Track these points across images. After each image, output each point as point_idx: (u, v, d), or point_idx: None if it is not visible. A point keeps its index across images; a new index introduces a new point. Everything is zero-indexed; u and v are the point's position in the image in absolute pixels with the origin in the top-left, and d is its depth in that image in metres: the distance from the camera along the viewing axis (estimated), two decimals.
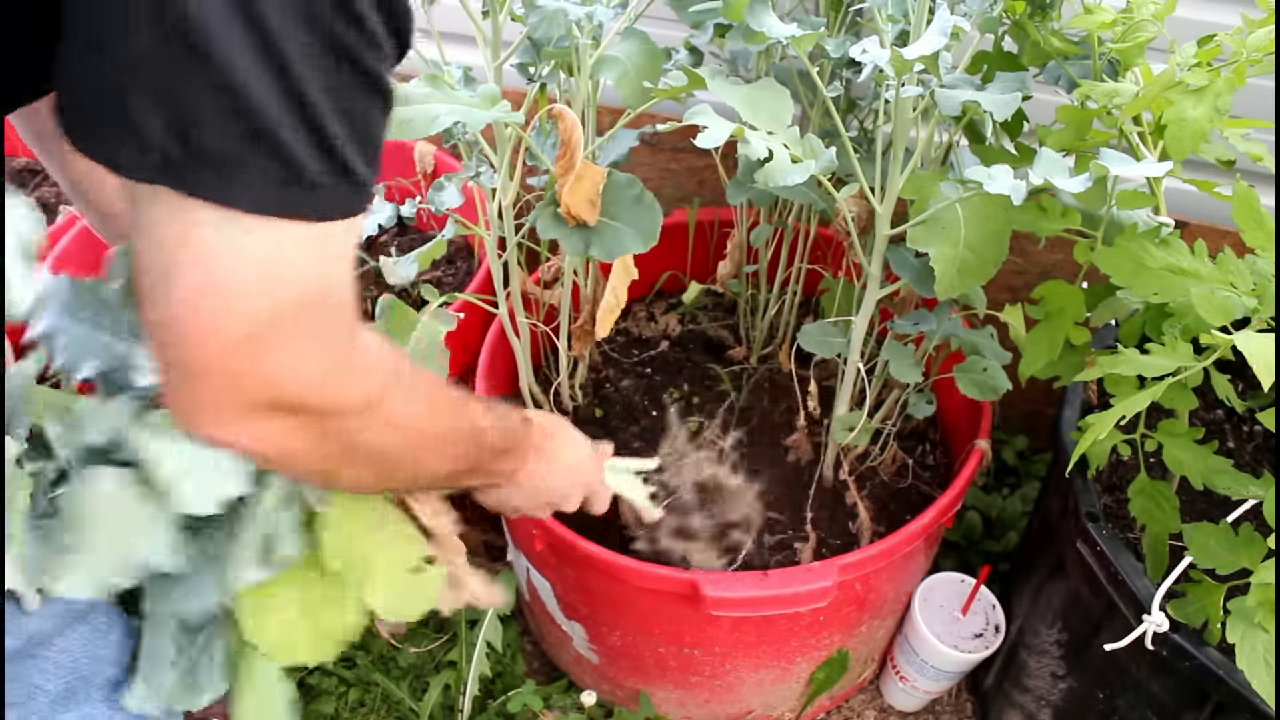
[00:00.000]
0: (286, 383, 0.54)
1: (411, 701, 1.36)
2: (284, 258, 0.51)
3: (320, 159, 0.50)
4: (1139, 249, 0.86)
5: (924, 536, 1.11)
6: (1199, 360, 0.81)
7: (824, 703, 1.38)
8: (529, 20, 0.94)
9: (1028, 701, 1.23)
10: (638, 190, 0.93)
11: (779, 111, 0.89)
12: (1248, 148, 0.90)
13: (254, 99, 0.47)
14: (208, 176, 0.48)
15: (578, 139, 0.90)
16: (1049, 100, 1.08)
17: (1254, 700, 0.85)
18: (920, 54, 0.80)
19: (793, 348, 1.26)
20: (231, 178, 0.48)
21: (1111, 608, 0.98)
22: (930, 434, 1.40)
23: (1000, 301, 1.12)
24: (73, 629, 0.89)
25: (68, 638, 0.88)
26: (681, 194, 1.63)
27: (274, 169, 0.49)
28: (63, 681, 0.88)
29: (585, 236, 0.94)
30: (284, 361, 0.53)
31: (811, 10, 1.25)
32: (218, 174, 0.48)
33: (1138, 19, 0.92)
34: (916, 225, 0.93)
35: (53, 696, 0.87)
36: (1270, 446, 1.20)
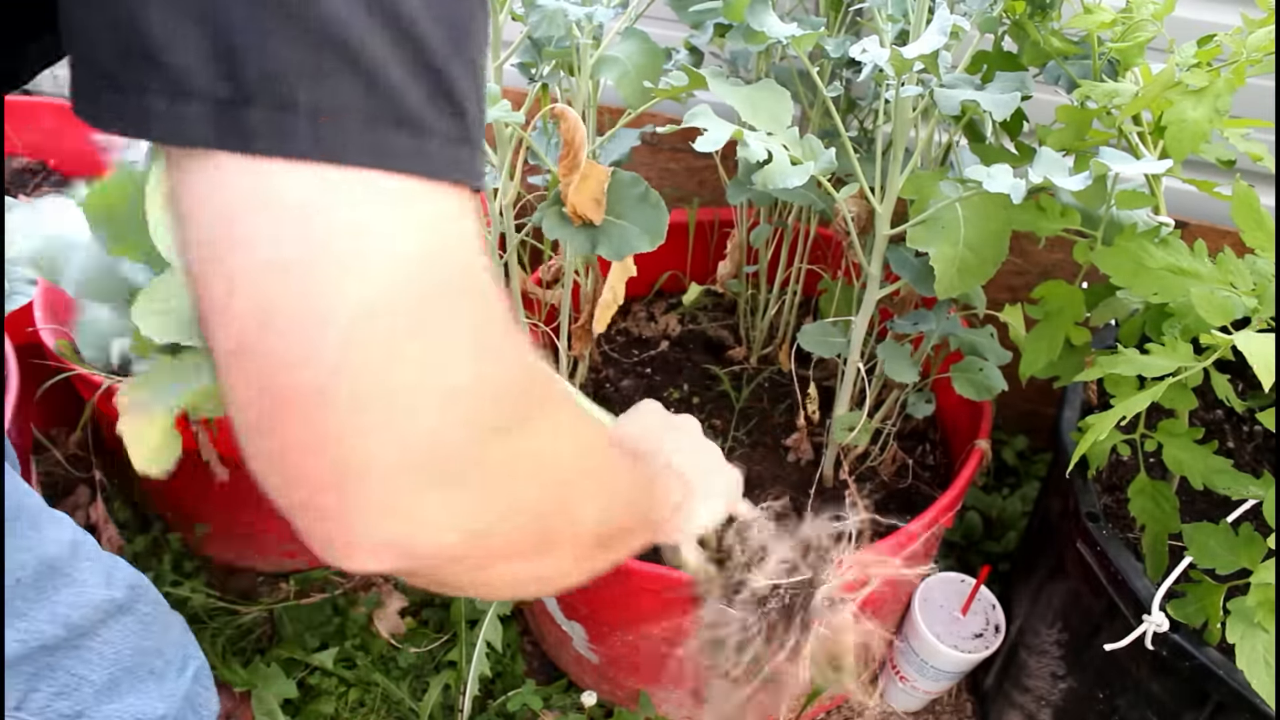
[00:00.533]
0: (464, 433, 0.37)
1: (411, 701, 1.36)
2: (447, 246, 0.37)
3: (439, 103, 0.36)
4: (1139, 249, 0.86)
5: (924, 536, 1.11)
6: (1199, 360, 0.81)
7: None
8: (529, 20, 0.94)
9: (1028, 701, 1.23)
10: (643, 189, 0.93)
11: (779, 112, 0.89)
12: (1248, 148, 0.90)
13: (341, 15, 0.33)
14: (300, 123, 0.33)
15: (581, 138, 0.90)
16: (1049, 100, 1.08)
17: (1254, 700, 0.85)
18: (920, 53, 0.80)
19: (793, 348, 1.26)
20: (329, 126, 0.33)
21: (1111, 608, 0.98)
22: (930, 434, 1.40)
23: (1000, 301, 1.12)
24: (117, 620, 0.90)
25: (111, 629, 0.89)
26: (681, 194, 1.63)
27: (388, 109, 0.34)
28: (106, 672, 0.88)
29: (592, 236, 0.94)
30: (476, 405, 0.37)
31: (811, 10, 1.25)
32: (312, 119, 0.33)
33: (1137, 19, 0.92)
34: (916, 225, 0.93)
35: (97, 687, 0.88)
36: (1270, 446, 1.20)
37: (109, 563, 0.90)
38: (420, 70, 0.35)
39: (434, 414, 0.36)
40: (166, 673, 0.95)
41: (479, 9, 0.39)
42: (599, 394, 1.42)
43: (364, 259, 0.34)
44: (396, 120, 0.35)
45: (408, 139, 0.35)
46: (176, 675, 0.97)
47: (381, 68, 0.34)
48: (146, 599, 0.94)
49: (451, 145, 0.37)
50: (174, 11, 0.32)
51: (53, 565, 0.82)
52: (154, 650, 0.94)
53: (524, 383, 0.41)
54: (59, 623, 0.83)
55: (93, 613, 0.86)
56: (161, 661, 0.95)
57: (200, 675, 1.01)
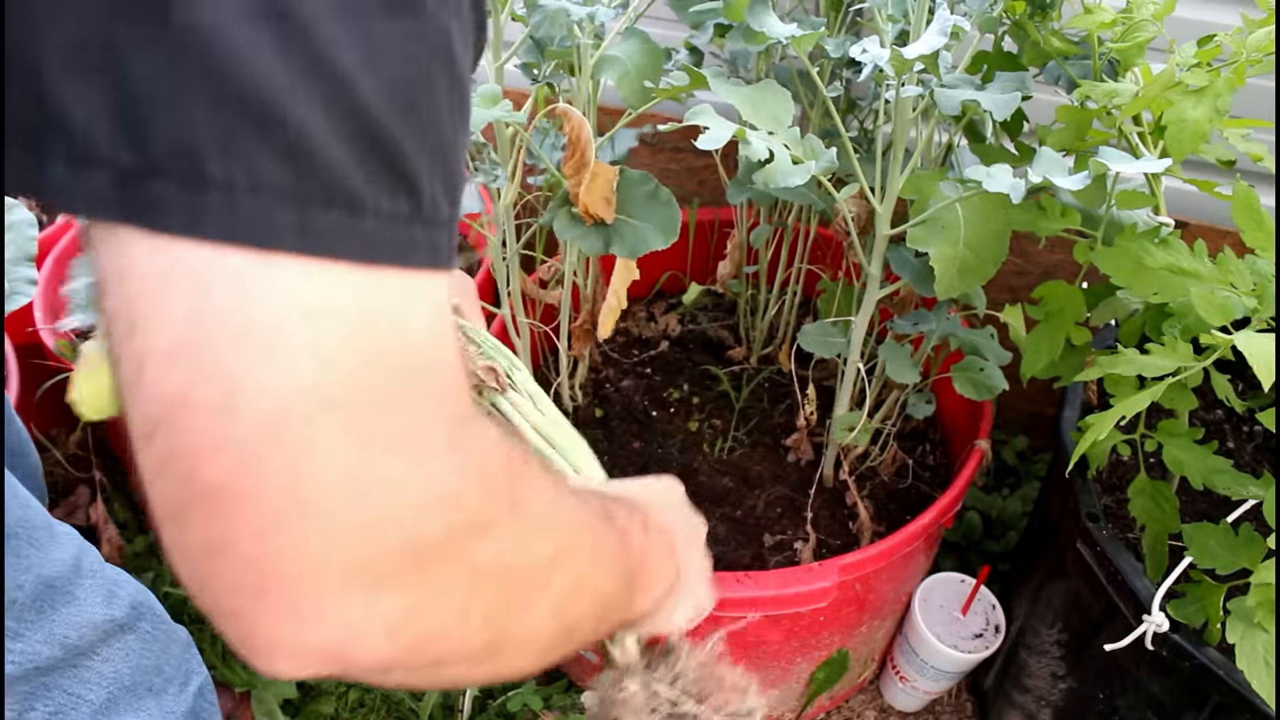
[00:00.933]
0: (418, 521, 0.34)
1: (411, 701, 1.35)
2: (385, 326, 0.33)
3: (380, 178, 0.32)
4: (1139, 249, 0.86)
5: (924, 536, 1.11)
6: (1199, 360, 0.81)
7: (824, 703, 1.38)
8: (531, 20, 0.94)
9: (1028, 702, 1.23)
10: (652, 186, 0.93)
11: (779, 112, 0.89)
12: (1248, 148, 0.90)
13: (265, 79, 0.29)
14: (215, 198, 0.29)
15: (587, 137, 0.90)
16: (1049, 100, 1.08)
17: (1254, 700, 0.85)
18: (920, 54, 0.80)
19: (793, 348, 1.26)
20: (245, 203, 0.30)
21: (1111, 608, 0.98)
22: (930, 434, 1.40)
23: (1000, 301, 1.12)
24: (117, 639, 0.88)
25: (111, 648, 0.87)
26: (681, 194, 1.63)
27: (309, 185, 0.30)
28: (105, 691, 0.87)
29: (605, 235, 0.94)
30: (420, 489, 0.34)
31: (811, 10, 1.25)
32: (227, 195, 0.29)
33: (1137, 19, 0.92)
34: (916, 225, 0.93)
35: (95, 706, 0.86)
36: (1270, 446, 1.20)
37: (112, 579, 0.88)
38: (360, 144, 0.31)
39: (356, 515, 0.32)
40: (167, 690, 0.94)
41: (446, 88, 0.34)
42: (599, 394, 1.42)
43: (280, 353, 0.30)
44: (326, 199, 0.31)
45: (339, 219, 0.31)
46: (178, 691, 0.95)
47: (311, 139, 0.30)
48: (149, 617, 0.92)
49: (399, 225, 0.33)
50: (75, 65, 0.28)
51: (52, 584, 0.80)
52: (154, 668, 0.92)
53: (478, 486, 0.37)
54: (56, 644, 0.81)
55: (91, 633, 0.84)
56: (161, 679, 0.93)
57: (204, 690, 1.00)
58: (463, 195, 0.39)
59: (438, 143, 0.34)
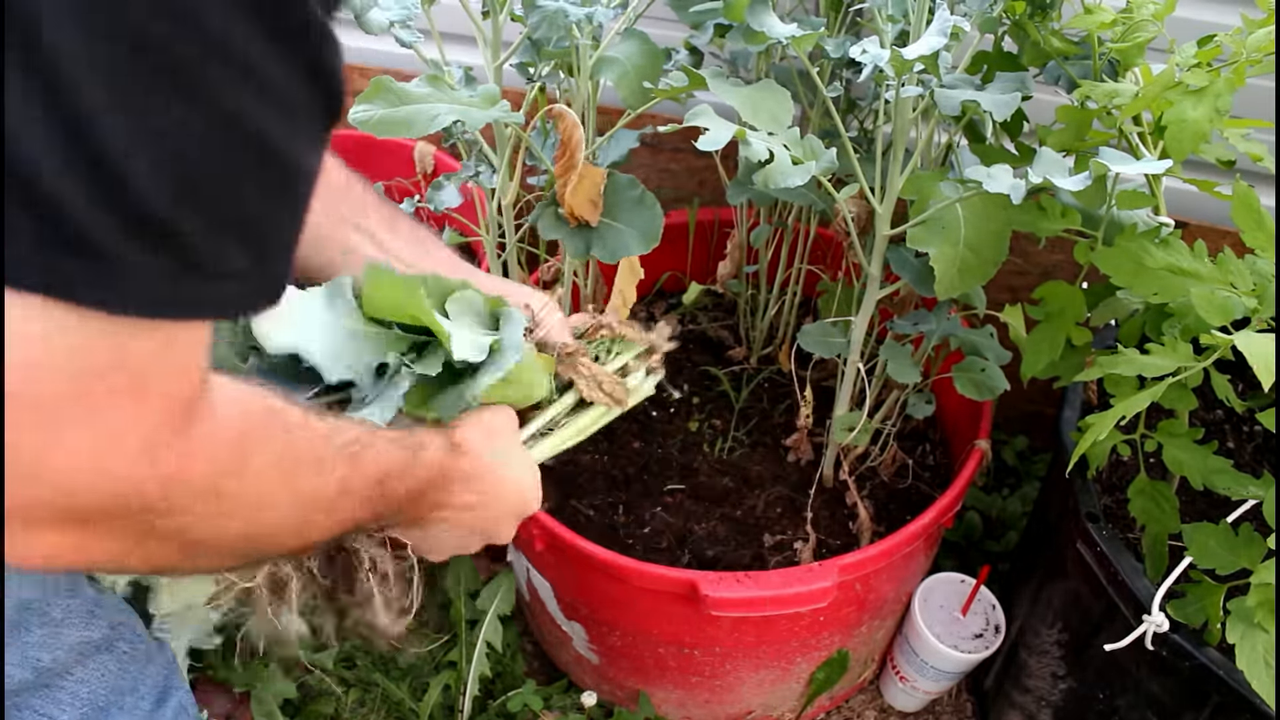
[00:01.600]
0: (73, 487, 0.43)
1: (411, 702, 1.35)
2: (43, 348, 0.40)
3: (141, 242, 0.39)
4: (1139, 249, 0.86)
5: (924, 536, 1.11)
6: (1199, 360, 0.81)
7: (824, 703, 1.38)
8: (529, 20, 0.94)
9: (1028, 702, 1.23)
10: (639, 191, 0.94)
11: (779, 112, 0.89)
12: (1248, 148, 0.90)
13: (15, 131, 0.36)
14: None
15: (578, 139, 0.90)
16: (1049, 100, 1.08)
17: (1254, 700, 0.85)
18: (920, 54, 0.80)
19: (793, 348, 1.26)
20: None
21: (1111, 608, 0.98)
22: (930, 434, 1.40)
23: (1000, 301, 1.12)
24: (93, 659, 0.87)
25: (86, 668, 0.86)
26: (681, 194, 1.63)
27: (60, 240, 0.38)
28: (79, 712, 0.86)
29: (587, 237, 0.94)
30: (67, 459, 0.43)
31: (811, 10, 1.25)
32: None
33: (1137, 19, 0.92)
34: (916, 225, 0.93)
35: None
36: (1270, 446, 1.20)
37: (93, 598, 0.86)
38: (121, 214, 0.38)
39: (31, 490, 0.42)
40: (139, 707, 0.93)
41: (240, 158, 0.41)
42: None
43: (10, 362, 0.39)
44: (76, 253, 0.38)
45: (86, 270, 0.39)
46: (151, 709, 0.94)
47: (69, 209, 0.37)
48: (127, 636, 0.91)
49: (158, 281, 0.41)
50: None
51: (29, 606, 0.79)
52: (129, 688, 0.91)
53: (160, 486, 0.46)
54: (28, 666, 0.80)
55: (66, 655, 0.82)
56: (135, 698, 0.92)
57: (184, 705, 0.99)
58: (286, 239, 0.47)
59: (227, 205, 0.42)
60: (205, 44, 0.38)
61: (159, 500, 0.46)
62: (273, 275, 0.46)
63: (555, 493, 1.29)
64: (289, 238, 0.47)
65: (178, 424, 0.46)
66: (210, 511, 0.50)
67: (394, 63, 1.65)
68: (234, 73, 0.40)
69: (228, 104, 0.40)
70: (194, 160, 0.40)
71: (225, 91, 0.40)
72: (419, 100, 0.83)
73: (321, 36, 0.44)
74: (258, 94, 0.41)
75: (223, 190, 0.42)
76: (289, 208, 0.46)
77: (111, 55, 0.36)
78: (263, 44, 0.40)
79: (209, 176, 0.41)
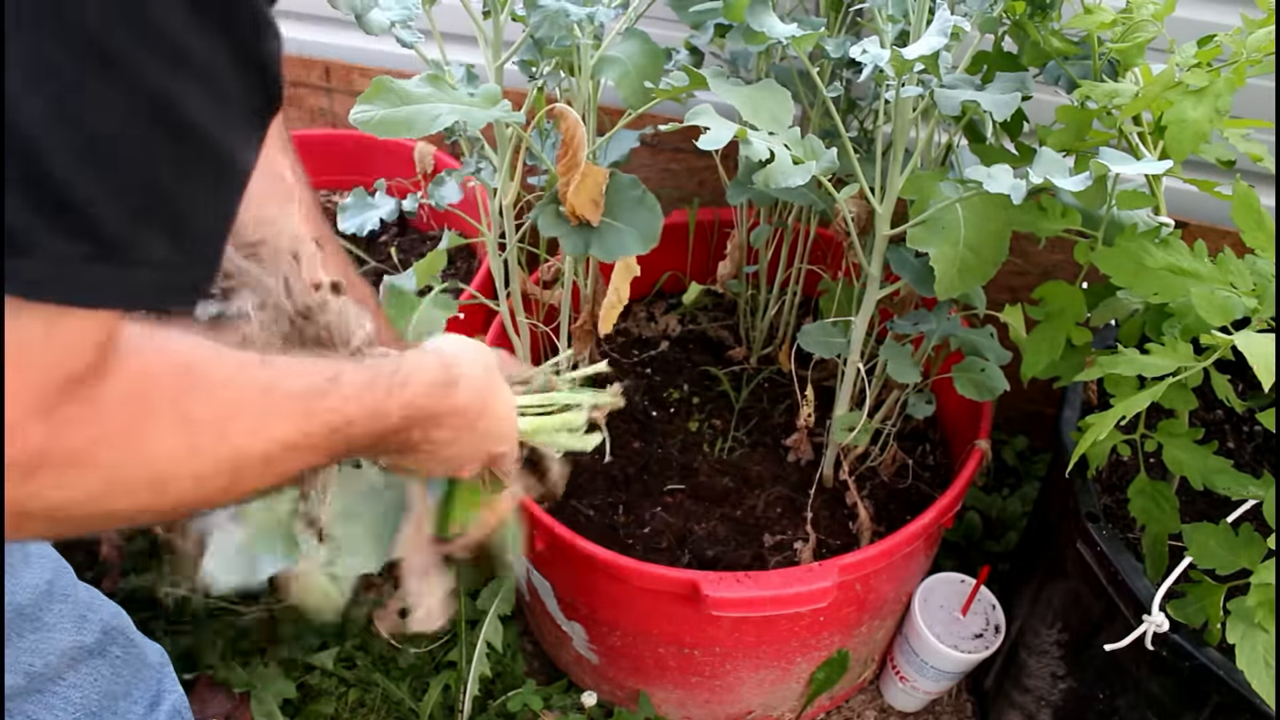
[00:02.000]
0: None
1: (411, 701, 1.35)
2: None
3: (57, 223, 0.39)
4: (1139, 249, 0.86)
5: (924, 536, 1.11)
6: (1199, 360, 0.81)
7: (824, 703, 1.38)
8: (530, 20, 0.94)
9: (1028, 702, 1.23)
10: (640, 191, 0.94)
11: (779, 112, 0.89)
12: (1248, 148, 0.90)
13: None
14: None
15: (580, 138, 0.90)
16: (1049, 100, 1.08)
17: (1254, 700, 0.85)
18: (920, 54, 0.80)
19: (793, 348, 1.26)
20: None
21: (1111, 608, 0.98)
22: (930, 434, 1.40)
23: (1000, 301, 1.12)
24: (86, 664, 0.86)
25: (79, 673, 0.86)
26: (681, 194, 1.63)
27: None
28: (71, 717, 0.86)
29: (586, 236, 0.94)
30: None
31: (811, 10, 1.25)
32: None
33: (1137, 19, 0.92)
34: (916, 225, 0.93)
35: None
36: (1270, 446, 1.20)
37: (85, 602, 0.87)
38: (34, 194, 0.38)
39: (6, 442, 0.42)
40: (131, 711, 0.92)
41: (161, 140, 0.41)
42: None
43: None
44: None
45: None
46: (145, 712, 0.94)
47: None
48: (120, 640, 0.91)
49: (71, 265, 0.40)
50: None
51: (21, 611, 0.79)
52: (123, 693, 0.91)
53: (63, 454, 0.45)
54: (20, 671, 0.80)
55: (58, 660, 0.83)
56: (128, 702, 0.92)
57: (178, 708, 0.99)
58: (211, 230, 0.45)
59: (147, 194, 0.41)
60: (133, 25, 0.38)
61: (22, 478, 0.45)
62: (193, 267, 0.45)
63: None
64: (215, 229, 0.46)
65: (48, 406, 0.44)
66: (84, 481, 0.48)
67: (395, 63, 1.65)
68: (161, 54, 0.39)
69: (151, 85, 0.39)
70: (113, 140, 0.39)
71: (150, 72, 0.39)
72: (420, 100, 0.83)
73: (256, 24, 0.43)
74: (186, 77, 0.40)
75: (142, 173, 0.41)
76: (217, 198, 0.45)
77: (34, 37, 0.36)
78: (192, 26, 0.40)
79: (129, 158, 0.40)
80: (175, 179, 0.42)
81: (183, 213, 0.44)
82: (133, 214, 0.41)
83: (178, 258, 0.44)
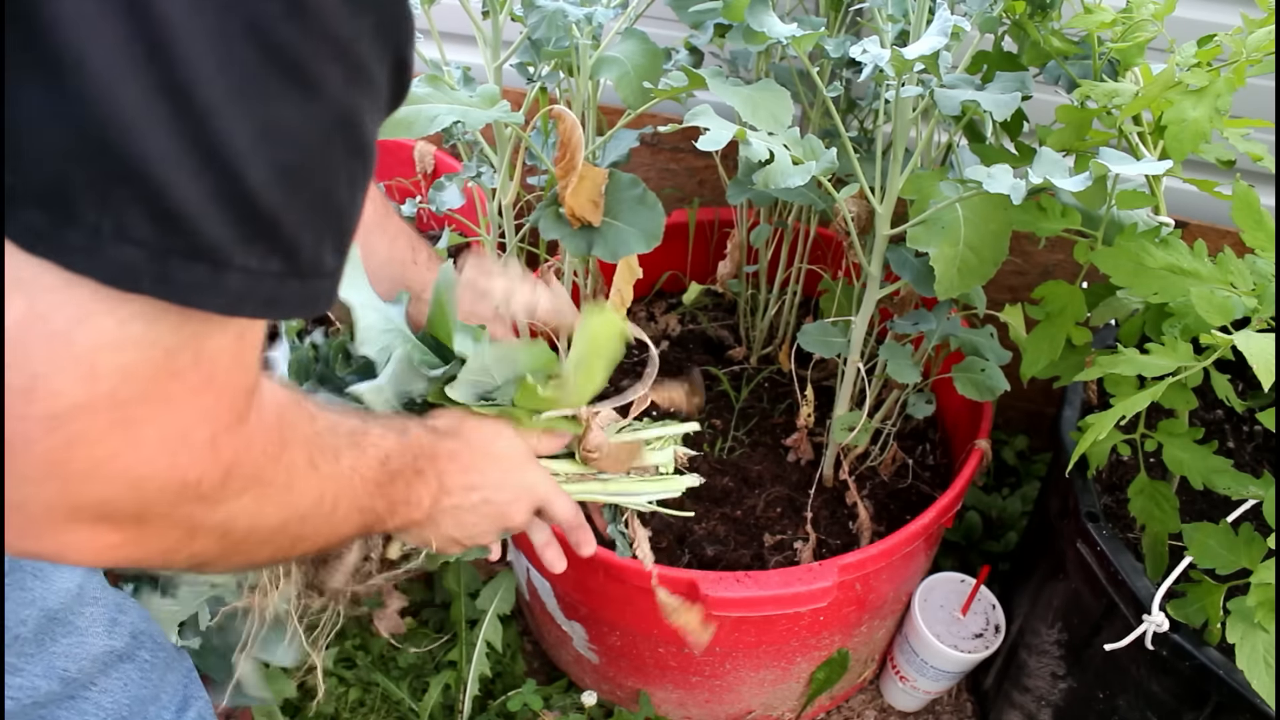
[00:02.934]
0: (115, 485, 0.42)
1: (411, 701, 1.35)
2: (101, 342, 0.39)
3: (253, 242, 0.39)
4: (1139, 249, 0.86)
5: (924, 536, 1.11)
6: (1199, 360, 0.81)
7: (824, 703, 1.38)
8: (529, 20, 0.94)
9: (1028, 701, 1.23)
10: (640, 190, 0.93)
11: (779, 112, 0.89)
12: (1248, 148, 0.90)
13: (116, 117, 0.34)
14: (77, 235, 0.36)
15: (578, 139, 0.90)
16: (1049, 100, 1.08)
17: (1254, 700, 0.85)
18: (920, 54, 0.80)
19: (793, 348, 1.26)
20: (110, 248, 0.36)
21: (1111, 608, 0.98)
22: (930, 434, 1.40)
23: (1000, 301, 1.12)
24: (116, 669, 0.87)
25: (110, 678, 0.86)
26: (681, 194, 1.63)
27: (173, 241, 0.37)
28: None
29: (588, 237, 0.94)
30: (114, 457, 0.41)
31: (811, 10, 1.25)
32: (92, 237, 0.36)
33: (1137, 19, 0.92)
34: (916, 225, 0.93)
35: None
36: (1270, 446, 1.20)
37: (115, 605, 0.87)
38: (236, 213, 0.37)
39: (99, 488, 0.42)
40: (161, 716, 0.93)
41: (345, 159, 0.41)
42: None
43: (81, 363, 0.38)
44: (190, 255, 0.37)
45: (200, 273, 0.38)
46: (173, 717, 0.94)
47: (184, 205, 0.36)
48: (149, 645, 0.91)
49: (266, 281, 0.40)
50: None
51: (54, 616, 0.79)
52: (151, 697, 0.91)
53: (222, 476, 0.46)
54: (55, 677, 0.80)
55: (90, 665, 0.83)
56: (157, 707, 0.92)
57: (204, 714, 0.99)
58: (353, 231, 0.46)
59: (328, 209, 0.42)
60: (322, 38, 0.37)
61: (217, 489, 0.46)
62: (340, 274, 0.46)
63: None
64: (353, 233, 0.46)
65: (240, 414, 0.46)
66: (256, 499, 0.50)
67: None
68: (345, 66, 0.39)
69: (340, 102, 0.39)
70: (309, 159, 0.39)
71: (336, 86, 0.39)
72: (419, 100, 0.83)
73: (411, 29, 0.44)
74: (361, 91, 0.40)
75: (329, 190, 0.41)
76: (364, 198, 0.46)
77: (231, 49, 0.35)
78: (369, 39, 0.39)
79: (322, 176, 0.40)
80: (350, 195, 0.43)
81: (348, 222, 0.44)
82: (319, 231, 0.42)
83: (339, 266, 0.45)
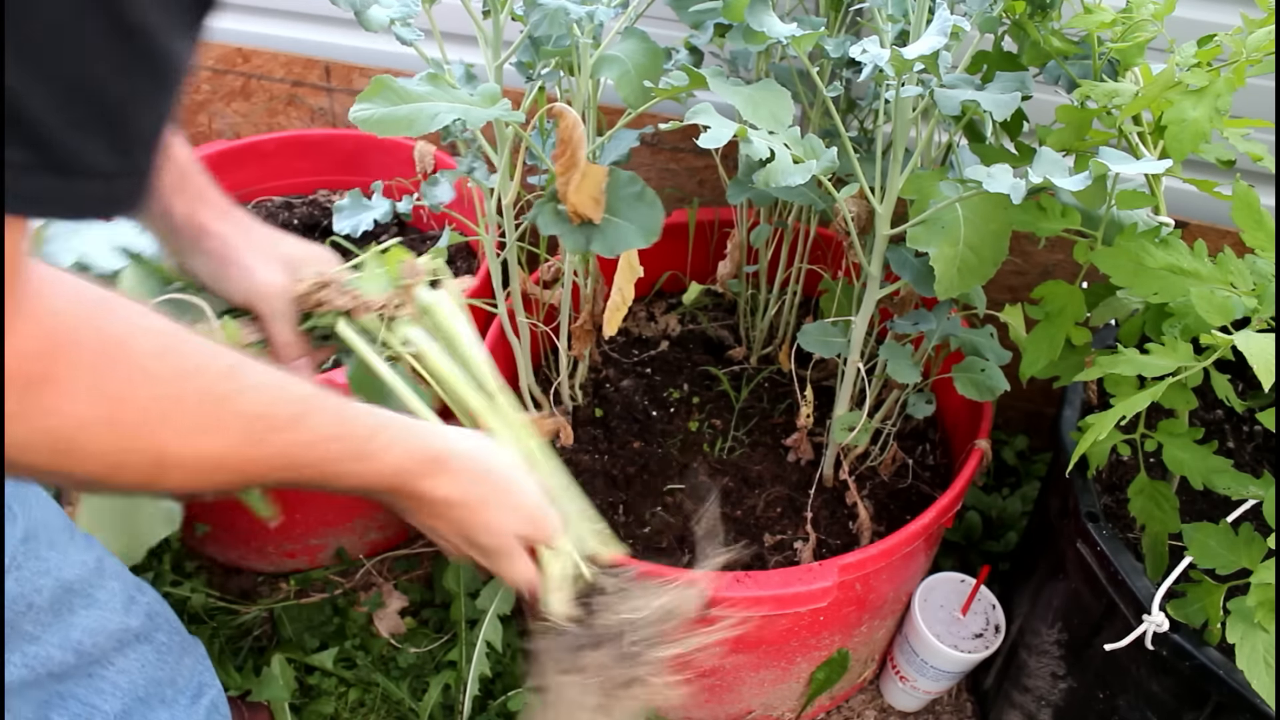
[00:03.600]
0: None
1: (411, 701, 1.35)
2: None
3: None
4: (1139, 249, 0.86)
5: (924, 536, 1.11)
6: (1199, 360, 0.81)
7: (824, 703, 1.38)
8: (530, 19, 0.94)
9: (1028, 702, 1.23)
10: (639, 187, 0.94)
11: (779, 112, 0.89)
12: (1248, 148, 0.90)
13: None
14: None
15: (579, 137, 0.90)
16: (1049, 100, 1.08)
17: (1254, 700, 0.85)
18: (920, 54, 0.80)
19: (793, 348, 1.26)
20: None
21: (1111, 608, 0.98)
22: (930, 434, 1.40)
23: (1000, 301, 1.12)
24: (133, 649, 0.87)
25: (127, 658, 0.87)
26: (681, 194, 1.63)
27: None
28: (120, 703, 0.86)
29: (588, 233, 0.94)
30: None
31: (811, 10, 1.25)
32: None
33: (1137, 19, 0.92)
34: (916, 225, 0.93)
35: (110, 717, 0.86)
36: (1270, 446, 1.20)
37: (133, 586, 0.88)
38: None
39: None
40: (178, 701, 0.93)
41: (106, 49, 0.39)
42: (599, 394, 1.42)
43: None
44: None
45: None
46: (190, 704, 0.94)
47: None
48: (165, 627, 0.91)
49: (15, 175, 0.38)
50: None
51: (71, 587, 0.80)
52: (168, 680, 0.91)
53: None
54: (70, 648, 0.80)
55: (106, 640, 0.83)
56: (174, 690, 0.93)
57: (216, 704, 0.99)
58: (157, 140, 0.44)
59: (90, 100, 0.39)
60: None
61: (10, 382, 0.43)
62: (131, 175, 0.43)
63: None
64: (154, 134, 0.44)
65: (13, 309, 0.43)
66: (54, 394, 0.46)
67: (395, 63, 1.65)
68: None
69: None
70: (57, 39, 0.37)
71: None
72: (419, 99, 0.83)
73: None
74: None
75: (84, 74, 0.39)
76: (158, 98, 0.43)
77: None
78: None
79: (72, 59, 0.38)
80: (128, 89, 0.41)
81: (135, 130, 0.42)
82: (78, 123, 0.39)
83: (115, 163, 0.42)
